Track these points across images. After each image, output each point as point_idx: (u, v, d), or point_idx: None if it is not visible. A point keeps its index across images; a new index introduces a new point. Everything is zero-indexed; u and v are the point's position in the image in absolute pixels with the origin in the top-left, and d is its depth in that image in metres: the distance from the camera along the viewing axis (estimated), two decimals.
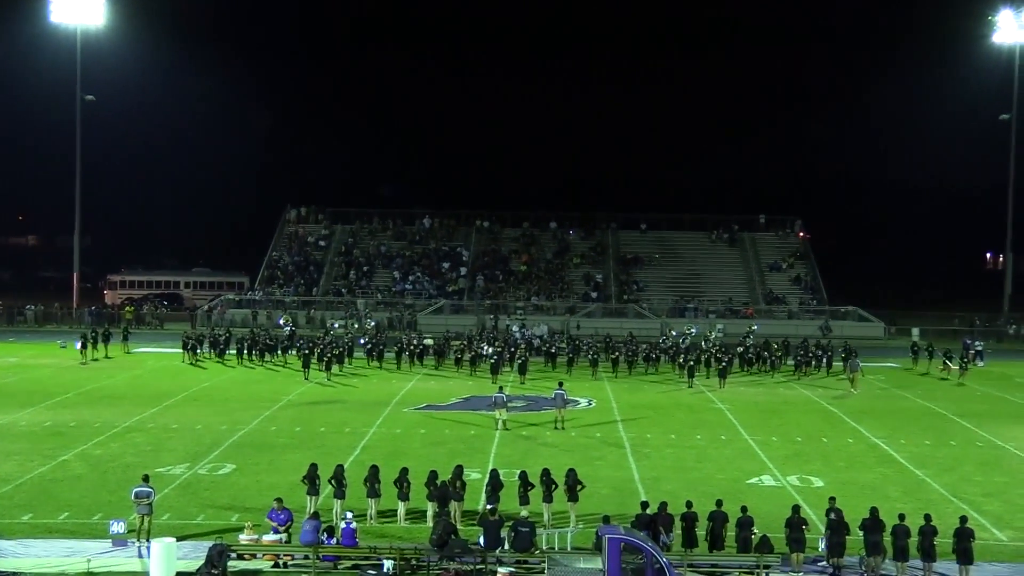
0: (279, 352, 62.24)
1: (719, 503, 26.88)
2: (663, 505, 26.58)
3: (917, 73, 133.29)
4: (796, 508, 26.60)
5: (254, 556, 25.35)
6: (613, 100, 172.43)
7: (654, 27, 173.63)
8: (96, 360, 60.96)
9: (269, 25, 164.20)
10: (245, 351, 61.68)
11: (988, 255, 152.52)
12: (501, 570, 24.27)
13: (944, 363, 59.47)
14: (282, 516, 26.46)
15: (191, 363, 60.27)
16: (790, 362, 61.25)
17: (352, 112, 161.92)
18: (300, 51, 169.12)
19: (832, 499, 27.29)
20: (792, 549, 25.50)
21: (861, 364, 55.48)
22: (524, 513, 26.64)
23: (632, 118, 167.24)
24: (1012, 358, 70.36)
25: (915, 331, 75.26)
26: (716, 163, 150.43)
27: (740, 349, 62.28)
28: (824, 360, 60.69)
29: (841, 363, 58.58)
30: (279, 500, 26.90)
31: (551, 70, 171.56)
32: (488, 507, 27.01)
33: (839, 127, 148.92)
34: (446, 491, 28.16)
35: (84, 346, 60.88)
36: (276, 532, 26.26)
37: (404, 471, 29.23)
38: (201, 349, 62.74)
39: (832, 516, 26.22)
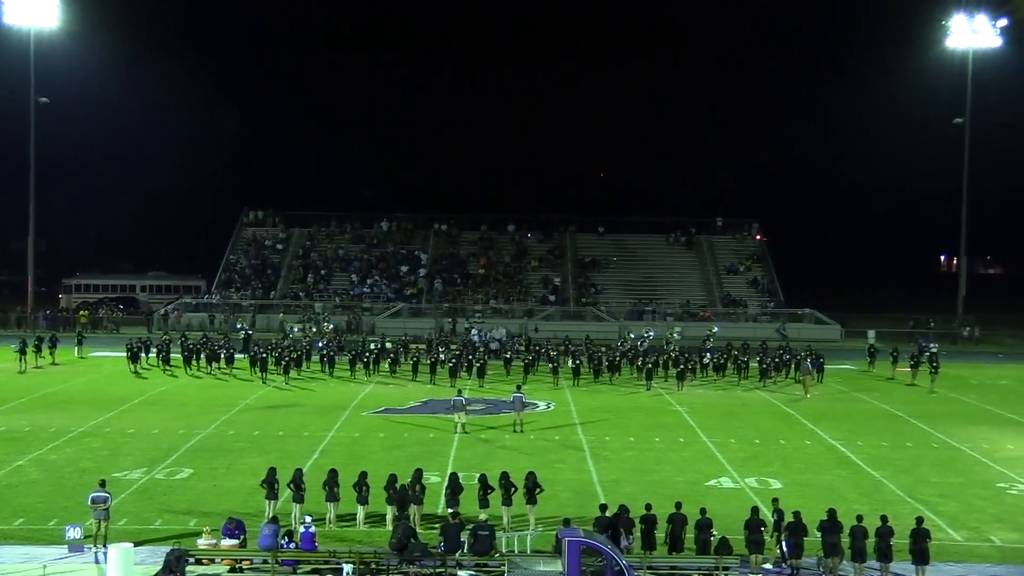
0: (222, 360, 58.62)
1: (678, 505, 26.98)
2: (623, 508, 26.61)
3: (872, 77, 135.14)
4: (755, 510, 26.70)
5: (212, 561, 25.18)
6: (570, 103, 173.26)
7: (611, 30, 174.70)
8: (39, 368, 59.18)
9: (226, 27, 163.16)
10: (194, 358, 59.19)
11: (943, 258, 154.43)
12: (461, 573, 24.30)
13: (911, 367, 59.51)
14: (236, 533, 26.11)
15: (133, 371, 58.06)
16: (754, 365, 60.66)
17: (310, 115, 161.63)
18: (257, 54, 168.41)
19: (775, 500, 27.64)
20: (751, 551, 25.61)
21: (812, 369, 55.32)
22: (483, 516, 26.60)
23: (590, 121, 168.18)
24: (966, 360, 70.92)
25: (871, 333, 75.68)
26: (673, 166, 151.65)
27: (707, 358, 60.75)
28: (793, 365, 60.10)
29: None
30: (230, 518, 26.55)
31: (509, 74, 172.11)
32: (449, 511, 27.02)
33: (795, 130, 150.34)
34: (405, 495, 28.10)
35: (23, 352, 58.42)
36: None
37: (363, 475, 29.12)
38: (147, 355, 60.26)
39: (775, 517, 26.54)
